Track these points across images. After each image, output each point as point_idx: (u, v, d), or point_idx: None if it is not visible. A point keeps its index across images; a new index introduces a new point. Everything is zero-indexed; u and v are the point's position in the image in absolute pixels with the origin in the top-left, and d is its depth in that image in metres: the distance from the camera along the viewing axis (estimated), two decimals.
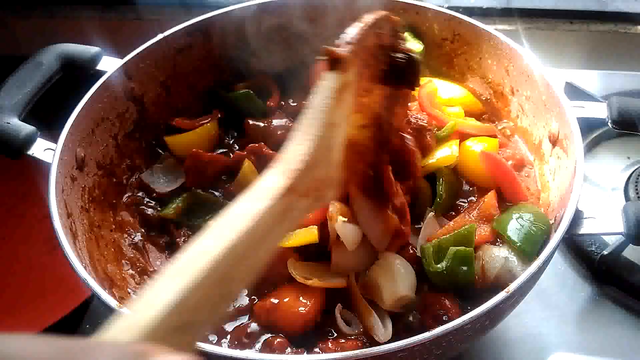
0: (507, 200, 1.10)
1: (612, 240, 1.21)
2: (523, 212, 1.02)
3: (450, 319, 0.84)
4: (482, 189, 1.11)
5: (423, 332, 0.78)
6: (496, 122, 1.28)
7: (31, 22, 1.88)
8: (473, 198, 1.12)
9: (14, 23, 1.89)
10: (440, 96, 1.23)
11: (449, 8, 1.32)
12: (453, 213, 1.09)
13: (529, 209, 1.03)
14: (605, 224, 0.94)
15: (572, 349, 1.13)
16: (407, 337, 0.77)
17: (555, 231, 0.90)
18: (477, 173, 1.13)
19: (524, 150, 1.22)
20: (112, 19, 1.85)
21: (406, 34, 1.35)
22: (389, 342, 0.79)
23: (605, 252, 1.20)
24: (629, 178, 1.36)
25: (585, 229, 0.93)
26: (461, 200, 1.12)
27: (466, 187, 1.14)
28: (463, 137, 1.19)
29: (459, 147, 1.14)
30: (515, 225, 0.99)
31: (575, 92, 1.48)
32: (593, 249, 1.24)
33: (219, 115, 1.28)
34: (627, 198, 1.33)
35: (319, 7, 1.35)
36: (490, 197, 1.06)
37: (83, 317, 1.23)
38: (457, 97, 1.26)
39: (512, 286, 0.83)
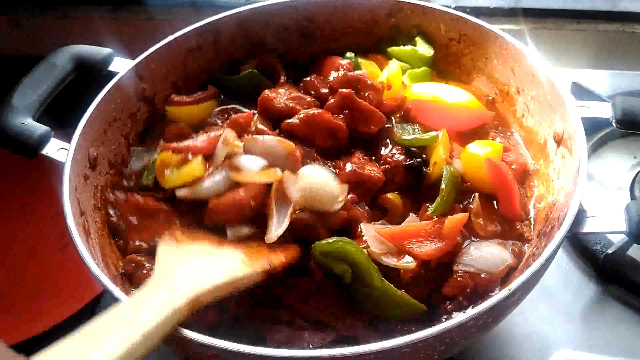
0: (500, 212, 1.09)
1: (617, 239, 1.22)
2: None
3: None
4: (483, 195, 1.10)
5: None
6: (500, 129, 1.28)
7: (44, 22, 1.90)
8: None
9: (27, 23, 1.92)
10: (446, 100, 1.23)
11: (456, 8, 1.33)
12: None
13: None
14: (607, 222, 0.95)
15: (576, 347, 1.14)
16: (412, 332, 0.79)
17: (558, 229, 0.91)
18: (480, 178, 1.11)
19: (526, 154, 1.21)
20: (123, 19, 1.88)
21: (417, 38, 1.36)
22: (393, 339, 0.80)
23: (609, 251, 1.21)
24: (634, 178, 1.37)
25: (588, 227, 0.94)
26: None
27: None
28: (462, 137, 1.20)
29: (463, 151, 1.15)
30: None
31: (582, 92, 1.49)
32: (598, 247, 1.25)
33: (215, 91, 1.31)
34: (632, 197, 1.33)
35: (326, 7, 1.37)
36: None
37: (95, 313, 1.26)
38: (464, 102, 1.25)
39: (515, 284, 0.84)
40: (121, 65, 1.23)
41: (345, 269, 0.95)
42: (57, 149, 1.08)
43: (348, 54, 1.36)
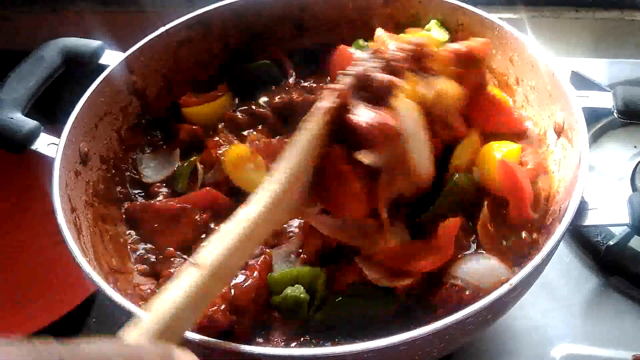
0: (510, 217, 1.02)
1: (618, 231, 1.20)
2: None
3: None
4: (496, 198, 1.04)
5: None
6: None
7: (34, 15, 1.88)
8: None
9: (16, 17, 1.89)
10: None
11: None
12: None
13: None
14: (610, 214, 0.93)
15: (578, 340, 1.13)
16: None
17: (559, 222, 0.89)
18: (493, 181, 1.04)
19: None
20: (115, 11, 1.85)
21: (433, 22, 1.32)
22: (390, 336, 0.78)
23: (611, 243, 1.19)
24: (635, 167, 1.35)
25: (590, 220, 0.92)
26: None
27: None
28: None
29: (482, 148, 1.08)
30: None
31: (581, 81, 1.47)
32: (599, 239, 1.23)
33: (227, 89, 1.29)
34: (633, 188, 1.32)
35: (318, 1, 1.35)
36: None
37: (90, 311, 1.24)
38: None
39: (515, 279, 0.82)
40: (112, 58, 1.21)
41: (299, 287, 0.93)
42: (46, 144, 1.06)
43: (361, 42, 1.31)
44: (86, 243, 1.00)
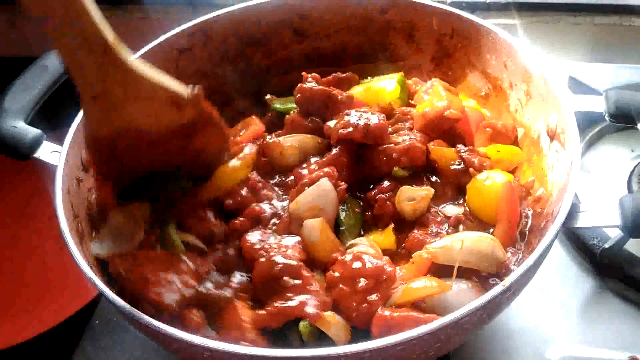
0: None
1: (614, 234, 1.21)
2: None
3: None
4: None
5: None
6: None
7: (40, 23, 1.89)
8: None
9: (22, 23, 1.92)
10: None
11: (452, 4, 1.33)
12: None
13: None
14: (602, 216, 0.95)
15: (574, 341, 1.14)
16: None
17: (552, 224, 0.90)
18: (486, 206, 1.07)
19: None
20: (119, 18, 1.87)
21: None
22: (387, 337, 0.80)
23: (606, 245, 1.20)
24: (632, 171, 1.36)
25: (582, 222, 0.93)
26: None
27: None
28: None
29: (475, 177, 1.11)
30: None
31: (579, 86, 1.48)
32: (595, 242, 1.24)
33: None
34: (630, 191, 1.32)
35: (319, 4, 1.37)
36: None
37: (93, 313, 1.25)
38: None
39: (509, 279, 0.83)
40: None
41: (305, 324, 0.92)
42: (49, 152, 1.08)
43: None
44: (88, 248, 1.02)
